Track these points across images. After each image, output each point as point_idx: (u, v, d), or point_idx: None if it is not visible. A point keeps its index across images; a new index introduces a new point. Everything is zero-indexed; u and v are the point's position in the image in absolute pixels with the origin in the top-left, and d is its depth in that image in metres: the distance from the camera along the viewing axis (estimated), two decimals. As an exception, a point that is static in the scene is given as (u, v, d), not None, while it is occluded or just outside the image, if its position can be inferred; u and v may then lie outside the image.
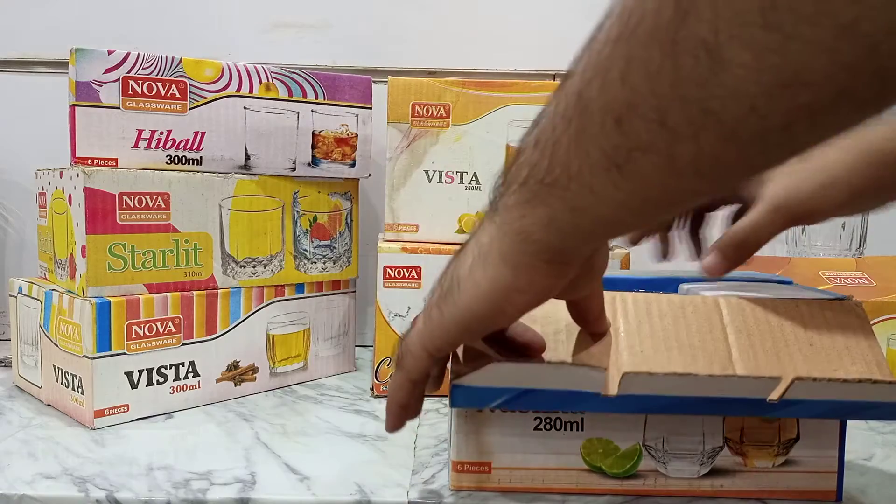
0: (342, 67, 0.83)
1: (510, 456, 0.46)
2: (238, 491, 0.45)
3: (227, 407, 0.63)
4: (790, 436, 0.46)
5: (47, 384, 0.62)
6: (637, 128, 0.24)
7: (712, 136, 0.23)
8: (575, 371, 0.40)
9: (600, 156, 0.26)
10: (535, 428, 0.45)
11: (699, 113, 0.22)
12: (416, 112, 0.67)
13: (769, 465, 0.46)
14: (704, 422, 0.45)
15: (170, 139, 0.61)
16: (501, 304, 0.33)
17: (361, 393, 0.68)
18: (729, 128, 0.22)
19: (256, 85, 0.65)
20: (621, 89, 0.24)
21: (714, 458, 0.46)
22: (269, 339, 0.68)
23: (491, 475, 0.46)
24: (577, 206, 0.28)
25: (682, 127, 0.23)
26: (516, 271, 0.32)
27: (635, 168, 0.25)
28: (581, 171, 0.27)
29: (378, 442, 0.55)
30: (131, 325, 0.58)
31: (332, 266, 0.73)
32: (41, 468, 0.48)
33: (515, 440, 0.46)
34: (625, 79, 0.24)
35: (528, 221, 0.30)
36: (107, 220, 0.57)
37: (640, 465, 0.46)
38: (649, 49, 0.23)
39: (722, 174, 0.25)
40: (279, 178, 0.67)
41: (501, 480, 0.46)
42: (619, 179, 0.26)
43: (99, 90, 0.58)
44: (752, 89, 0.21)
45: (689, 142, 0.23)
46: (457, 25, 0.83)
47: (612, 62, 0.24)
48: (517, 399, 0.41)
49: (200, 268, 0.63)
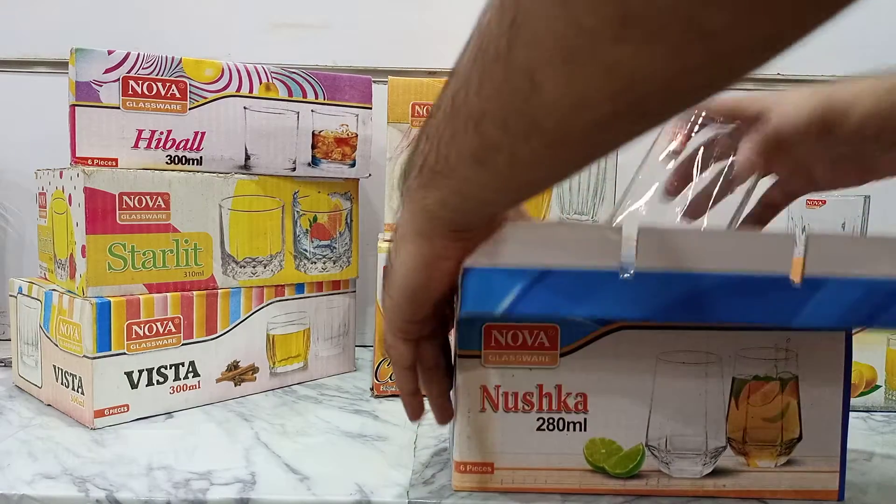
0: (342, 67, 0.83)
1: (513, 456, 0.46)
2: (238, 491, 0.45)
3: (227, 407, 0.63)
4: (793, 436, 0.46)
5: (47, 384, 0.62)
6: (489, 132, 0.30)
7: (539, 139, 0.29)
8: (592, 232, 0.39)
9: (467, 152, 0.32)
10: (538, 428, 0.45)
11: (528, 122, 0.28)
12: (416, 112, 0.67)
13: (772, 464, 0.46)
14: (707, 420, 0.45)
15: (170, 139, 0.61)
16: (430, 272, 0.38)
17: (361, 393, 0.68)
18: (549, 135, 0.28)
19: (256, 85, 0.65)
20: (477, 99, 0.30)
21: (717, 457, 0.46)
22: (269, 339, 0.68)
23: (494, 475, 0.46)
24: (458, 190, 0.34)
25: (518, 132, 0.29)
26: (432, 242, 0.37)
27: (491, 163, 0.31)
28: (457, 163, 0.33)
29: (378, 442, 0.55)
30: (131, 325, 0.58)
31: (332, 266, 0.73)
32: (41, 468, 0.48)
33: (518, 440, 0.45)
34: (479, 91, 0.30)
35: (428, 202, 0.36)
36: (107, 220, 0.57)
37: (643, 465, 0.46)
38: (493, 68, 0.28)
39: (556, 168, 0.32)
40: (279, 178, 0.67)
41: (504, 481, 0.46)
42: (482, 171, 0.32)
43: (99, 90, 0.58)
44: (558, 106, 0.27)
45: (524, 143, 0.29)
46: (457, 25, 0.82)
47: (472, 75, 0.30)
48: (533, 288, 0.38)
49: (200, 268, 0.63)
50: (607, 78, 0.25)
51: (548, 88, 0.27)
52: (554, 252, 0.39)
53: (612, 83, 0.25)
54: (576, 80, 0.26)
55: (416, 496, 0.46)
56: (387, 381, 0.67)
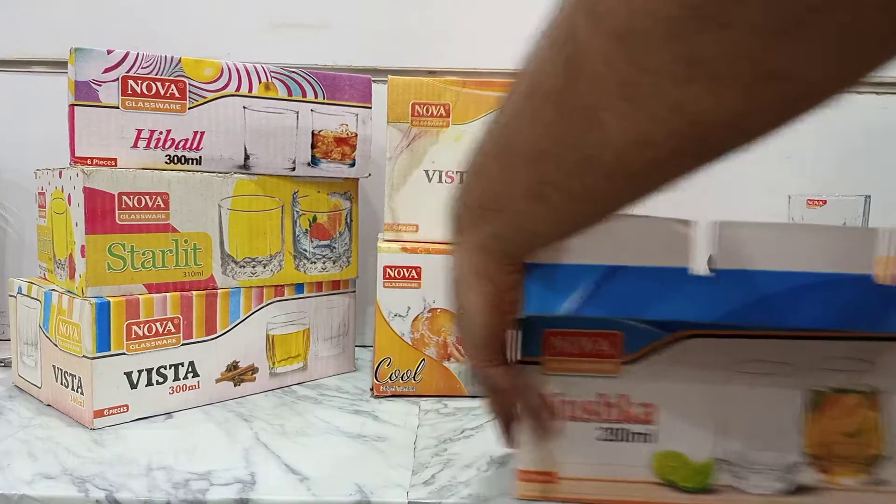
0: (342, 67, 0.83)
1: (576, 466, 0.44)
2: (238, 491, 0.45)
3: (226, 407, 0.63)
4: (875, 451, 0.43)
5: (47, 384, 0.62)
6: (544, 167, 0.30)
7: (596, 175, 0.29)
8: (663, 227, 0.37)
9: (521, 187, 0.32)
10: (602, 438, 0.44)
11: (585, 158, 0.28)
12: (415, 112, 0.67)
13: (855, 482, 0.43)
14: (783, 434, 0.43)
15: (169, 139, 0.61)
16: (501, 307, 0.39)
17: (361, 393, 0.68)
18: (607, 171, 0.28)
19: (256, 84, 0.65)
20: (531, 136, 0.30)
21: (794, 473, 0.43)
22: (268, 339, 0.68)
23: (557, 485, 0.44)
24: (512, 224, 0.35)
25: (575, 168, 0.29)
26: (493, 281, 0.38)
27: (547, 198, 0.31)
28: (510, 198, 0.33)
29: (378, 442, 0.55)
30: (131, 326, 0.58)
31: (331, 266, 0.72)
32: (41, 468, 0.48)
33: (581, 450, 0.44)
34: (532, 127, 0.30)
35: (482, 238, 0.36)
36: (106, 220, 0.57)
37: (715, 479, 0.43)
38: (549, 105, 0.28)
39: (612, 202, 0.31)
40: (279, 178, 0.67)
41: (568, 490, 0.44)
42: (537, 206, 0.32)
43: (98, 90, 0.58)
44: (617, 143, 0.27)
45: (580, 179, 0.29)
46: (457, 25, 0.83)
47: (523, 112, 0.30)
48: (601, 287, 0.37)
49: (200, 268, 0.63)
50: (670, 117, 0.25)
51: (607, 126, 0.26)
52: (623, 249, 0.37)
53: (675, 122, 0.25)
54: (637, 118, 0.25)
55: (416, 496, 0.46)
56: (386, 380, 0.67)
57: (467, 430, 0.58)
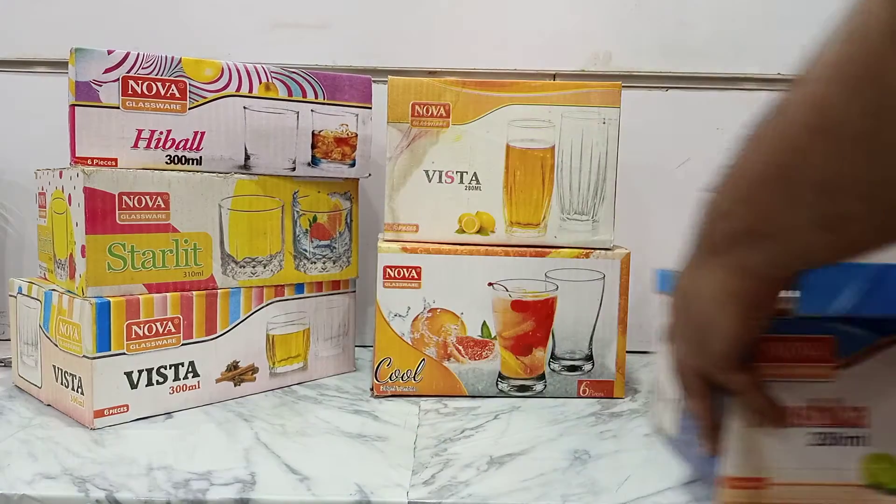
0: (342, 67, 0.83)
1: (786, 472, 0.44)
2: (238, 491, 0.45)
3: (226, 407, 0.63)
4: None
5: (47, 384, 0.62)
6: (844, 201, 0.30)
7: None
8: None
9: (809, 218, 0.32)
10: (813, 443, 0.44)
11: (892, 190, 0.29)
12: (416, 112, 0.67)
13: None
14: None
15: (169, 139, 0.61)
16: (752, 324, 0.40)
17: (361, 393, 0.68)
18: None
19: (256, 85, 0.65)
20: (826, 171, 0.30)
21: None
22: (268, 339, 0.68)
23: (767, 491, 0.44)
24: (792, 251, 0.35)
25: (882, 203, 0.30)
26: (750, 298, 0.38)
27: (843, 230, 0.32)
28: (791, 228, 0.33)
29: (378, 442, 0.55)
30: (131, 326, 0.58)
31: (331, 266, 0.72)
32: (41, 468, 0.48)
33: (791, 455, 0.44)
34: (826, 163, 0.30)
35: (750, 262, 0.37)
36: (106, 220, 0.57)
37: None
38: (852, 146, 0.29)
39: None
40: (279, 178, 0.67)
41: (777, 497, 0.44)
42: (829, 236, 0.32)
43: (99, 90, 0.58)
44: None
45: (886, 213, 0.30)
46: (457, 25, 0.83)
47: (814, 147, 0.30)
48: (875, 285, 0.37)
49: (200, 268, 0.63)
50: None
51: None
52: None
53: None
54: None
55: (416, 496, 0.46)
56: (386, 380, 0.67)
57: (467, 430, 0.58)
